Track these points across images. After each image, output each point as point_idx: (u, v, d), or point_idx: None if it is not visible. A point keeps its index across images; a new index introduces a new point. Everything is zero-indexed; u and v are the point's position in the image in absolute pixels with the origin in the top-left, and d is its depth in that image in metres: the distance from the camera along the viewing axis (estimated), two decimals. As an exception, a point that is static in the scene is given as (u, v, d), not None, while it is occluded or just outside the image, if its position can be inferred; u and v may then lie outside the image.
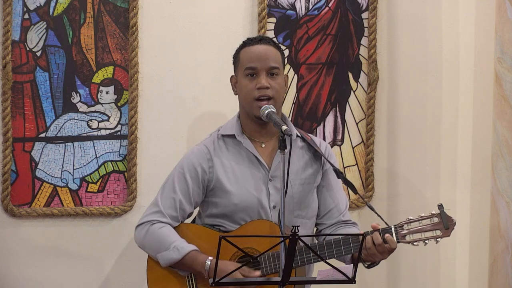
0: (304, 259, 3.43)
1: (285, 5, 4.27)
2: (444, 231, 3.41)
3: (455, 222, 3.42)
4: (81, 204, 4.14)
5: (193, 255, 3.47)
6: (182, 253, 3.47)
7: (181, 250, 3.48)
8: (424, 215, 3.43)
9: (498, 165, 4.19)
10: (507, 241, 4.15)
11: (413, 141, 4.41)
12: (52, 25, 4.08)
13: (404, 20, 4.37)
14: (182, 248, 3.48)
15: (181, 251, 3.47)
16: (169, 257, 3.49)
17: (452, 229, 3.41)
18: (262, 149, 3.61)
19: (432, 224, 3.41)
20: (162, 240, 3.52)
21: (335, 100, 4.33)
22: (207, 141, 3.65)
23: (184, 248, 3.48)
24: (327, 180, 3.67)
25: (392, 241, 3.40)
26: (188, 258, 3.47)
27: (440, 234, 3.41)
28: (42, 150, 4.10)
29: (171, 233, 3.54)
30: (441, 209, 3.41)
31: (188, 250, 3.48)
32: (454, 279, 4.47)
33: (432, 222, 3.42)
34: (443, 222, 3.40)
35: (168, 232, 3.54)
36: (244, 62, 3.57)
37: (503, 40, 4.16)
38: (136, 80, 4.13)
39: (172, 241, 3.50)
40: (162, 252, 3.50)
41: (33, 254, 4.11)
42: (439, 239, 3.41)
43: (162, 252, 3.50)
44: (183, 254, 3.47)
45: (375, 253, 3.41)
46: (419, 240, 3.41)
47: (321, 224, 3.68)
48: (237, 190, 3.55)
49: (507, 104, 4.14)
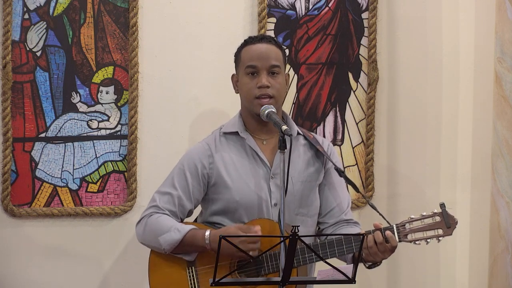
0: (306, 258, 3.43)
1: (285, 5, 4.27)
2: (446, 230, 3.41)
3: (457, 221, 3.42)
4: (81, 204, 4.14)
5: (193, 232, 3.48)
6: (182, 233, 3.47)
7: (181, 230, 3.48)
8: (426, 214, 3.43)
9: (498, 165, 4.19)
10: (507, 241, 4.15)
11: (413, 141, 4.41)
12: (52, 25, 4.08)
13: (404, 20, 4.37)
14: (182, 228, 3.49)
15: (182, 230, 3.48)
16: (171, 238, 3.48)
17: (454, 228, 3.41)
18: (264, 146, 3.61)
19: (434, 223, 3.41)
20: (161, 225, 3.53)
21: (335, 100, 4.33)
22: (208, 138, 3.66)
23: (184, 227, 3.49)
24: (329, 179, 3.67)
25: (393, 239, 3.40)
26: (188, 236, 3.48)
27: (442, 233, 3.41)
28: (42, 150, 4.10)
29: (169, 219, 3.55)
30: (443, 208, 3.41)
31: (188, 229, 3.48)
32: (454, 279, 4.47)
33: (434, 221, 3.41)
34: (445, 221, 3.40)
35: (166, 219, 3.55)
36: (245, 60, 3.57)
37: (503, 40, 4.16)
38: (136, 80, 4.13)
39: (171, 225, 3.51)
40: (163, 235, 3.50)
41: (33, 254, 4.11)
42: (441, 238, 3.41)
43: (163, 235, 3.50)
44: (183, 233, 3.47)
45: (376, 252, 3.41)
46: (421, 239, 3.41)
47: (323, 223, 3.68)
48: (238, 185, 3.55)
49: (507, 104, 4.14)
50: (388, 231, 3.41)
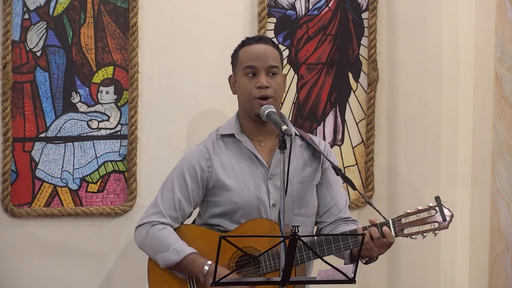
0: (303, 257, 3.44)
1: (285, 5, 4.27)
2: (441, 223, 3.41)
3: (453, 214, 3.42)
4: (81, 204, 4.14)
5: (192, 258, 3.47)
6: (181, 256, 3.47)
7: (180, 252, 3.48)
8: (422, 208, 3.43)
9: (498, 165, 4.19)
10: (507, 241, 4.15)
11: (413, 141, 4.41)
12: (52, 25, 4.08)
13: (404, 20, 4.37)
14: (181, 251, 3.48)
15: (181, 253, 3.47)
16: (168, 258, 3.49)
17: (450, 221, 3.41)
18: (261, 147, 3.61)
19: (430, 217, 3.41)
20: (162, 241, 3.52)
21: (335, 100, 4.33)
22: (206, 141, 3.66)
23: (184, 250, 3.48)
24: (326, 178, 3.67)
25: (389, 235, 3.40)
26: (187, 260, 3.47)
27: (437, 227, 3.41)
28: (42, 150, 4.10)
29: (171, 235, 3.54)
30: (438, 201, 3.42)
31: (188, 252, 3.48)
32: (454, 279, 4.47)
33: (429, 214, 3.42)
34: (440, 214, 3.40)
35: (168, 234, 3.54)
36: (243, 61, 3.57)
37: (503, 40, 4.16)
38: (136, 80, 4.13)
39: (172, 243, 3.50)
40: (161, 254, 3.50)
41: (33, 254, 4.11)
42: (437, 231, 3.41)
43: (161, 254, 3.50)
44: (182, 256, 3.47)
45: (372, 248, 3.41)
46: (417, 233, 3.41)
47: (321, 222, 3.68)
48: (237, 187, 3.55)
49: (507, 104, 4.14)
50: (385, 226, 3.41)
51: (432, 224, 3.41)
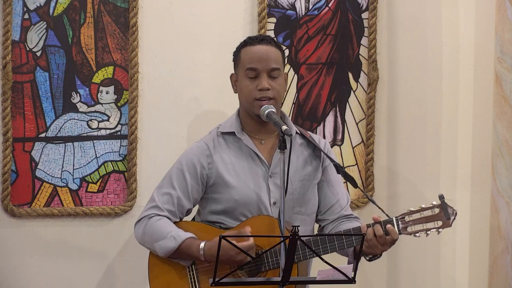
0: (306, 254, 3.44)
1: (285, 5, 4.27)
2: (445, 222, 3.41)
3: (456, 212, 3.42)
4: (81, 204, 4.14)
5: (189, 242, 3.48)
6: (178, 241, 3.48)
7: (177, 238, 3.48)
8: (425, 206, 3.43)
9: (498, 165, 4.19)
10: (507, 241, 4.15)
11: (413, 141, 4.41)
12: (52, 25, 4.08)
13: (404, 20, 4.37)
14: (178, 236, 3.49)
15: (178, 239, 3.48)
16: (166, 245, 3.49)
17: (453, 219, 3.41)
18: (262, 146, 3.62)
19: (433, 215, 3.41)
20: (159, 230, 3.53)
21: (335, 100, 4.33)
22: (206, 138, 3.66)
23: (181, 236, 3.49)
24: (327, 176, 3.68)
25: (394, 232, 3.40)
26: (184, 245, 3.48)
27: (441, 225, 3.40)
28: (42, 150, 4.10)
29: (168, 224, 3.55)
30: (442, 199, 3.41)
31: (185, 237, 3.48)
32: (454, 279, 4.47)
33: (433, 212, 3.41)
34: (444, 212, 3.40)
35: (165, 224, 3.55)
36: (245, 62, 3.57)
37: (503, 40, 4.16)
38: (136, 80, 4.13)
39: (169, 231, 3.51)
40: (159, 242, 3.51)
41: (33, 254, 4.11)
42: (441, 229, 3.41)
43: (159, 242, 3.51)
44: (179, 242, 3.48)
45: (376, 245, 3.41)
46: (421, 231, 3.41)
47: (323, 220, 3.69)
48: (238, 185, 3.56)
49: (507, 104, 4.14)
50: (389, 224, 3.41)
51: (435, 222, 3.41)
